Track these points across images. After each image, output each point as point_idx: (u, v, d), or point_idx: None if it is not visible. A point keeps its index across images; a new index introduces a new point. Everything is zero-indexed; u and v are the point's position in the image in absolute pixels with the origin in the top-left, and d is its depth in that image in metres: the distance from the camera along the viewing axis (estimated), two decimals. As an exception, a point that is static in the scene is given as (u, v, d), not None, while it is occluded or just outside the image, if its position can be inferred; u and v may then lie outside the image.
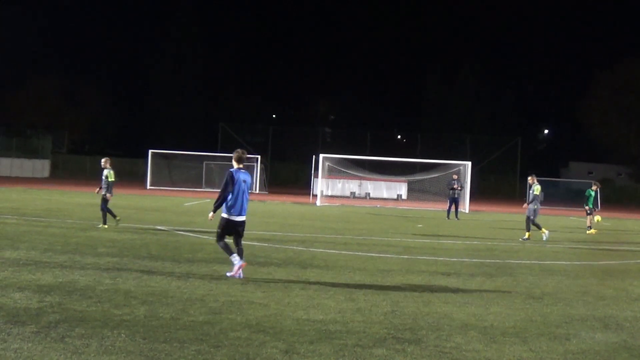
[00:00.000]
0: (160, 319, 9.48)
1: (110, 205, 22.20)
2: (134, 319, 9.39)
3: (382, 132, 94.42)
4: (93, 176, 47.87)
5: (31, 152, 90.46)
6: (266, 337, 8.71)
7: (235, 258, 13.27)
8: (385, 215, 38.79)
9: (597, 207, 31.97)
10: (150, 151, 63.06)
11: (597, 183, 32.73)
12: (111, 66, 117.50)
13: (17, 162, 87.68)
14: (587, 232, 30.14)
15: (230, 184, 13.14)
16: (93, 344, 8.04)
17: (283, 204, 45.53)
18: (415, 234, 26.00)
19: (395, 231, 27.07)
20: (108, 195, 22.45)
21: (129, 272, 13.35)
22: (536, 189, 25.29)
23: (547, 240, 24.34)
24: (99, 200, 21.64)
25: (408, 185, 60.87)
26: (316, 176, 53.13)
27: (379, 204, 52.53)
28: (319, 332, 9.14)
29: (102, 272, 13.30)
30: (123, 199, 38.90)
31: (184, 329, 8.96)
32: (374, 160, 59.80)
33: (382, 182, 62.61)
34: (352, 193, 61.05)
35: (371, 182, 62.44)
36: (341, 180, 61.21)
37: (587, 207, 31.22)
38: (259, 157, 64.88)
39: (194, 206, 36.93)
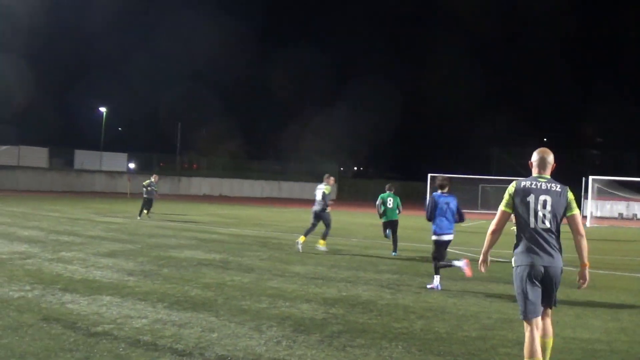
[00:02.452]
0: (435, 333, 9.40)
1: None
2: (411, 332, 9.37)
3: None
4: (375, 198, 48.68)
5: (319, 177, 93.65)
6: (536, 354, 8.43)
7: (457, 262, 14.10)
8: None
9: None
10: (429, 174, 63.53)
11: None
12: (394, 96, 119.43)
13: (306, 185, 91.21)
14: None
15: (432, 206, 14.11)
16: (372, 354, 8.08)
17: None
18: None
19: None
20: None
21: (408, 288, 13.37)
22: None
23: None
24: (379, 221, 21.77)
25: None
26: (586, 198, 51.53)
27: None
28: (584, 351, 8.78)
29: (383, 287, 13.39)
30: (404, 220, 39.18)
31: (457, 344, 8.83)
32: (640, 181, 57.22)
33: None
34: (620, 214, 58.59)
35: (638, 203, 59.67)
36: (609, 202, 58.92)
37: None
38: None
39: (471, 227, 36.59)
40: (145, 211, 32.87)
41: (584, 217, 49.96)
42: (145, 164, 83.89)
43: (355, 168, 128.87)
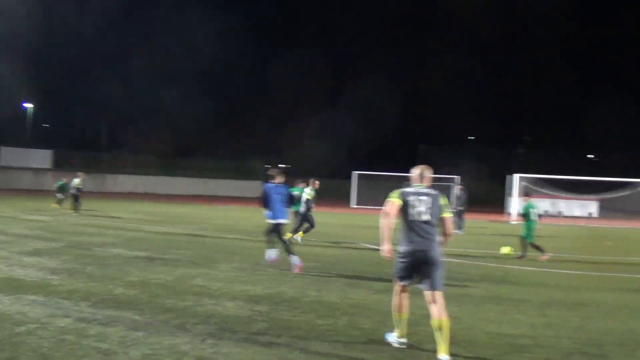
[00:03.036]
0: (360, 329, 9.48)
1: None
2: (336, 329, 9.44)
3: (574, 152, 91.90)
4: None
5: (246, 174, 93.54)
6: (459, 349, 8.51)
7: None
8: (576, 233, 37.65)
9: None
10: (354, 172, 63.78)
11: None
12: (321, 95, 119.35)
13: (233, 183, 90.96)
14: None
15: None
16: (297, 351, 8.11)
17: (479, 222, 44.91)
18: (604, 252, 25.02)
19: (586, 248, 26.16)
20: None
21: (333, 285, 13.40)
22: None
23: None
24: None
25: (599, 203, 58.98)
26: (511, 195, 52.35)
27: (570, 222, 51.11)
28: (509, 346, 8.92)
29: (308, 284, 13.42)
30: (330, 217, 39.42)
31: (382, 339, 8.91)
32: (566, 179, 58.11)
33: (574, 201, 61.03)
34: (545, 211, 59.70)
35: (563, 200, 60.91)
36: (535, 199, 60.00)
37: None
38: (457, 177, 64.28)
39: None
40: (72, 206, 34.31)
41: (509, 214, 50.80)
42: (67, 161, 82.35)
43: (282, 165, 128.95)
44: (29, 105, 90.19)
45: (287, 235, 21.12)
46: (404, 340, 8.71)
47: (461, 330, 9.68)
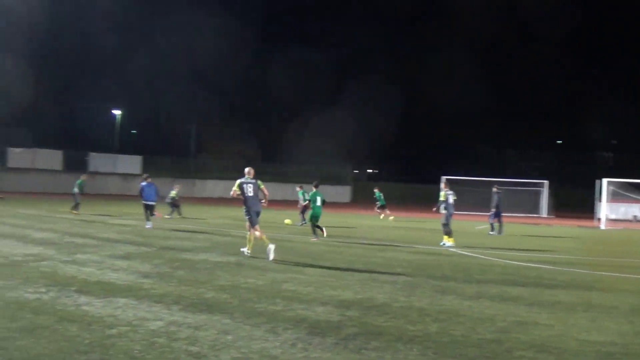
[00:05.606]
0: (450, 336, 9.38)
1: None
2: (426, 335, 9.37)
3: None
4: (388, 201, 48.11)
5: (334, 179, 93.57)
6: (549, 357, 8.38)
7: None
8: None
9: None
10: (443, 177, 63.27)
11: None
12: (401, 98, 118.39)
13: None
14: None
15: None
16: (387, 357, 8.07)
17: (568, 228, 44.07)
18: None
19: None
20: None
21: (423, 291, 13.33)
22: (441, 194, 25.30)
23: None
24: (393, 224, 21.87)
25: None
26: (600, 200, 51.24)
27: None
28: (598, 354, 8.71)
29: (398, 290, 13.37)
30: (418, 222, 39.23)
31: (472, 347, 8.80)
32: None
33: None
34: (635, 216, 58.23)
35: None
36: (624, 204, 58.50)
37: None
38: (546, 182, 63.33)
39: (484, 229, 36.36)
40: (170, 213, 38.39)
41: (598, 220, 49.71)
42: (156, 166, 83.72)
43: (370, 170, 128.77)
44: (117, 112, 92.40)
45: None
46: (250, 251, 18.38)
47: (552, 338, 9.53)
